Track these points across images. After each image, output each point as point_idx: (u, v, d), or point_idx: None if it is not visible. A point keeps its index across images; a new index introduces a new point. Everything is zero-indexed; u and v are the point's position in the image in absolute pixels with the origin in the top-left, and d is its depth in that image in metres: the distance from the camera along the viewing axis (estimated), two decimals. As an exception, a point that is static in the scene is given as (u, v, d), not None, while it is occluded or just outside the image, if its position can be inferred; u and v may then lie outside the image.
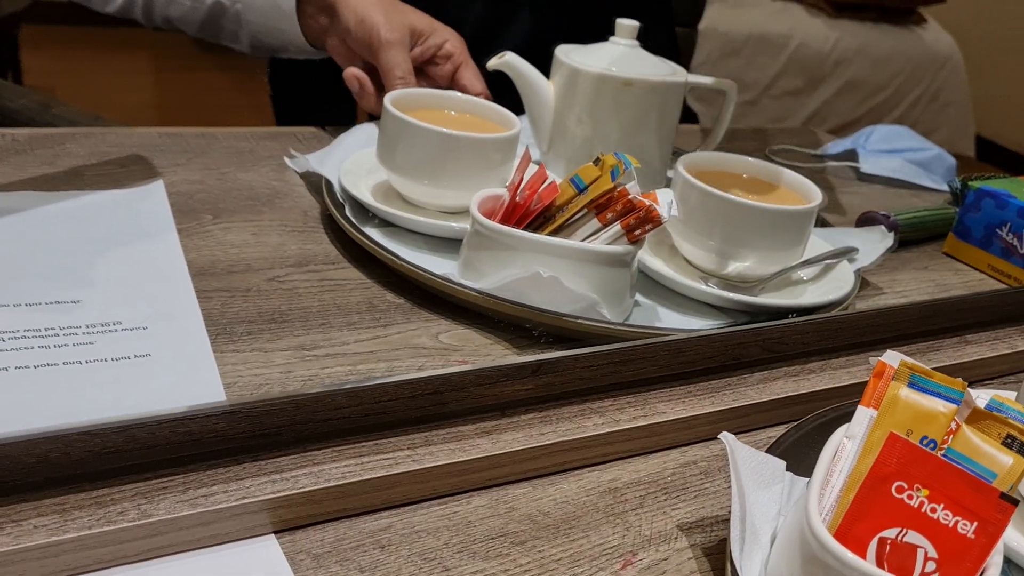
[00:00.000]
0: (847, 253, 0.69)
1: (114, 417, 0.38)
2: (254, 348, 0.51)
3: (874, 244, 0.70)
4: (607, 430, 0.47)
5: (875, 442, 0.40)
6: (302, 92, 1.08)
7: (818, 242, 0.70)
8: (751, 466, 0.43)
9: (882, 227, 0.72)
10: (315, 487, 0.40)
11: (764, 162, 0.68)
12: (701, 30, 1.52)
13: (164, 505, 0.38)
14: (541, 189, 0.59)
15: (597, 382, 0.50)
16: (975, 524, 0.36)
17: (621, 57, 0.75)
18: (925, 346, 0.62)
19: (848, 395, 0.55)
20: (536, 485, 0.45)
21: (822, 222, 0.76)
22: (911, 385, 0.41)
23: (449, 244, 0.64)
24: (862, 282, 0.70)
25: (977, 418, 0.40)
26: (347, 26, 0.78)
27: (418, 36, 0.79)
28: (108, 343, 0.50)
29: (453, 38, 0.81)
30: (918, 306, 0.61)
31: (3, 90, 1.33)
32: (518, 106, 0.76)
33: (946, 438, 0.40)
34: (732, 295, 0.61)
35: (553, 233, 0.58)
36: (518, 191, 0.58)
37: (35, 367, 0.47)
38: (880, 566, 0.36)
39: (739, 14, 2.75)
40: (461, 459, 0.43)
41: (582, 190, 0.59)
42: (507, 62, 0.76)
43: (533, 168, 0.62)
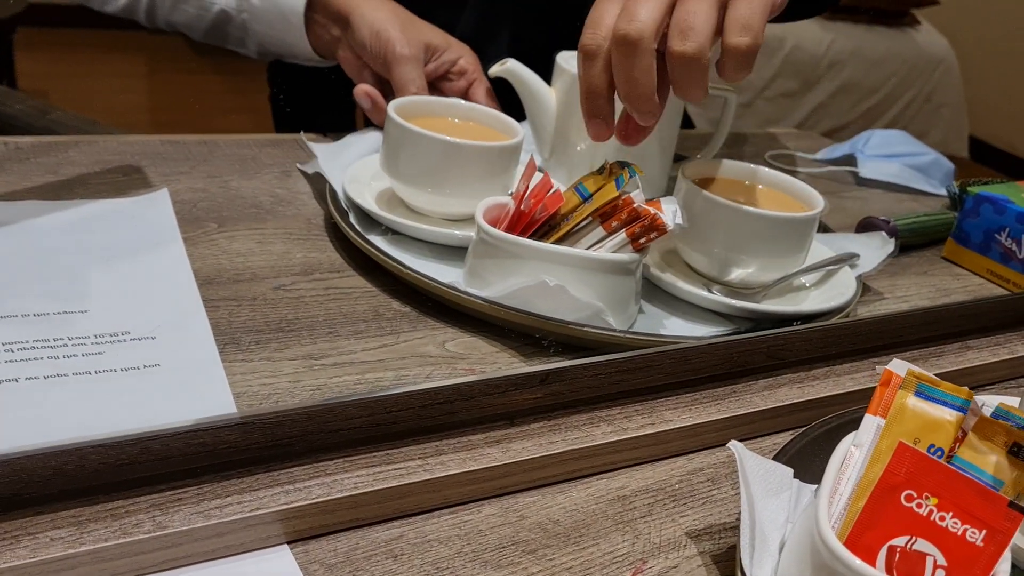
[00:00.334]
0: (848, 259, 0.69)
1: (129, 429, 0.38)
2: (262, 357, 0.52)
3: (875, 250, 0.71)
4: (615, 438, 0.48)
5: (883, 451, 0.40)
6: (301, 92, 1.09)
7: (820, 248, 0.71)
8: (759, 474, 0.43)
9: (883, 233, 0.72)
10: (328, 497, 0.40)
11: (766, 168, 0.69)
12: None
13: (179, 517, 0.38)
14: (546, 197, 0.59)
15: (605, 390, 0.51)
16: (984, 532, 0.37)
17: None
18: (927, 352, 0.62)
19: (852, 401, 0.55)
20: (546, 493, 0.46)
21: (823, 227, 0.77)
22: (918, 394, 0.42)
23: (454, 252, 0.64)
24: (863, 287, 0.70)
25: (983, 427, 0.40)
26: (361, 40, 0.77)
27: (433, 52, 0.79)
28: (117, 353, 0.50)
29: (467, 54, 0.81)
30: (920, 312, 0.61)
31: (0, 95, 1.33)
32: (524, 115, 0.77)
33: (953, 446, 0.41)
34: (735, 302, 0.61)
35: (558, 241, 0.58)
36: (523, 199, 0.59)
37: (45, 378, 0.47)
38: (889, 574, 0.37)
39: (734, 17, 2.75)
40: (472, 468, 0.44)
41: (587, 198, 0.59)
42: (509, 69, 0.77)
43: (538, 176, 0.62)
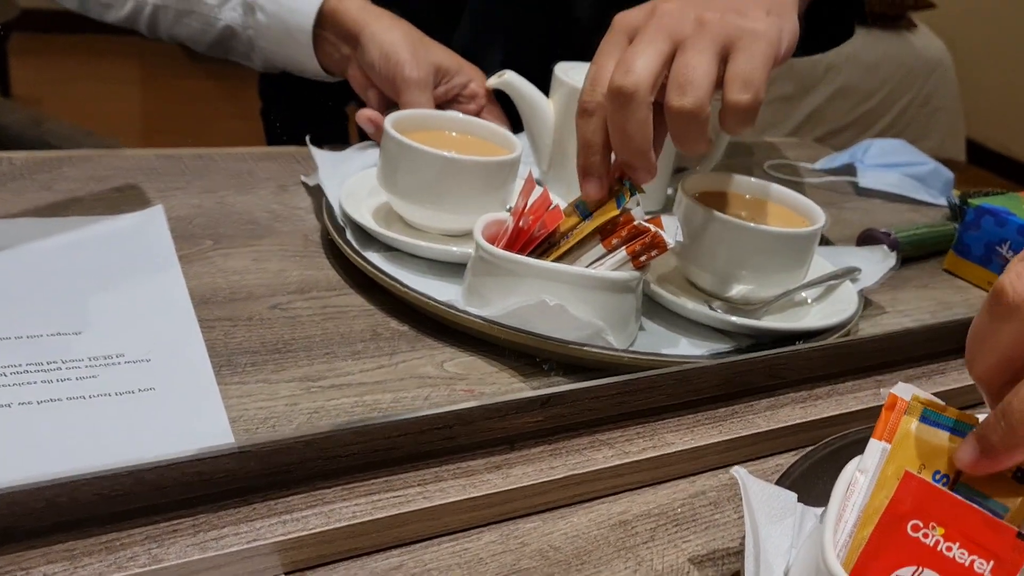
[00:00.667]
0: (850, 273, 0.69)
1: (123, 461, 0.37)
2: (258, 380, 0.51)
3: (876, 264, 0.70)
4: (617, 462, 0.47)
5: (888, 477, 0.40)
6: (293, 106, 1.08)
7: (820, 262, 0.70)
8: (762, 500, 0.43)
9: (884, 246, 0.72)
10: (326, 527, 0.40)
11: (766, 182, 0.68)
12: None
13: (175, 549, 0.37)
14: (546, 214, 0.58)
15: (606, 412, 0.50)
16: (991, 563, 0.36)
17: None
18: (930, 369, 0.62)
19: (855, 421, 0.55)
20: (546, 519, 0.45)
21: (823, 240, 0.76)
22: (923, 419, 0.41)
23: (453, 268, 0.63)
24: (864, 302, 0.70)
25: None
26: (370, 60, 0.76)
27: (443, 74, 0.78)
28: (112, 376, 0.49)
29: (479, 78, 0.80)
30: (922, 330, 0.61)
31: (-5, 105, 1.32)
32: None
33: (958, 473, 0.40)
34: (736, 319, 0.61)
35: (558, 259, 0.58)
36: (522, 216, 0.58)
37: (38, 403, 0.46)
38: (897, 605, 0.36)
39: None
40: (472, 495, 0.43)
41: (586, 216, 0.59)
42: (506, 81, 0.76)
43: (537, 191, 0.61)
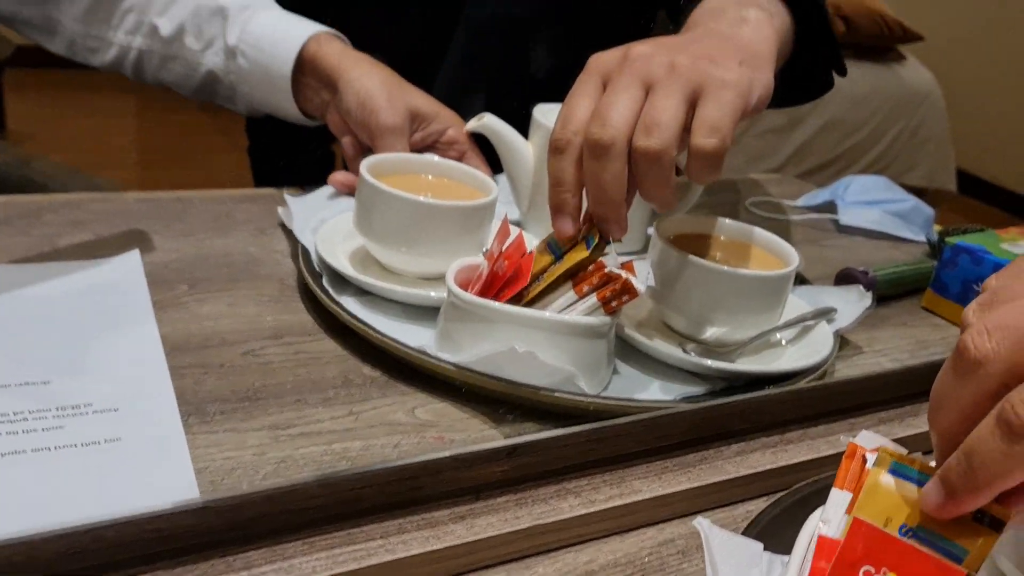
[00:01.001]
0: (825, 314, 0.69)
1: (81, 519, 0.37)
2: (227, 428, 0.51)
3: (852, 304, 0.70)
4: (583, 511, 0.47)
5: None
6: (280, 145, 1.09)
7: (797, 302, 0.70)
8: (727, 551, 0.43)
9: (859, 287, 0.72)
10: (285, 583, 0.39)
11: (740, 224, 0.68)
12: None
13: (130, 608, 0.37)
14: (520, 260, 0.58)
15: (573, 460, 0.50)
16: (947, 611, 0.36)
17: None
18: (904, 411, 0.62)
19: (827, 466, 0.55)
20: (511, 570, 0.45)
21: (801, 279, 0.76)
22: (892, 471, 0.41)
23: (428, 312, 0.63)
24: (841, 341, 0.70)
25: None
26: (347, 107, 0.77)
27: (420, 120, 0.78)
28: (78, 427, 0.49)
29: (457, 123, 0.80)
30: (895, 374, 0.61)
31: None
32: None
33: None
34: (710, 362, 0.61)
35: (530, 302, 0.58)
36: (496, 261, 0.58)
37: (2, 455, 0.46)
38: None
39: (720, 54, 2.77)
40: (435, 547, 0.43)
41: (558, 256, 0.59)
42: (486, 124, 0.77)
43: (514, 232, 0.62)
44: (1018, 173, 3.71)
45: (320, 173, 0.82)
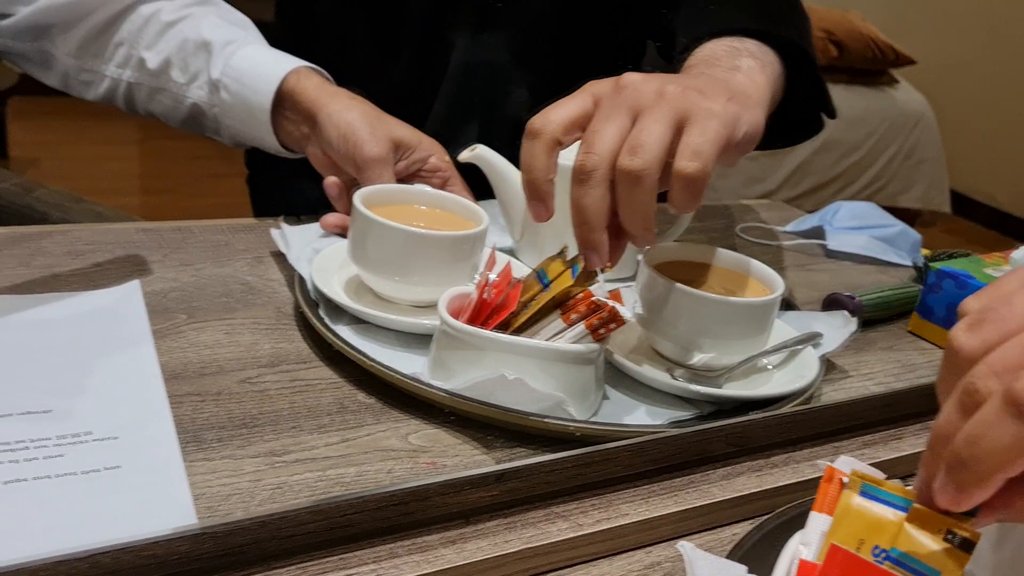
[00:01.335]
0: (811, 339, 0.70)
1: (80, 546, 0.38)
2: (224, 456, 0.52)
3: (837, 329, 0.72)
4: (571, 535, 0.48)
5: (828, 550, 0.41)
6: (278, 174, 1.10)
7: (783, 327, 0.72)
8: (711, 574, 0.44)
9: (845, 312, 0.73)
10: (279, 607, 0.40)
11: (726, 251, 0.70)
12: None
13: (128, 632, 0.38)
14: (508, 289, 0.60)
15: (562, 485, 0.51)
16: (922, 634, 0.37)
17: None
18: (888, 434, 0.63)
19: (810, 489, 0.55)
20: (501, 593, 0.46)
21: (788, 304, 0.78)
22: (863, 494, 0.42)
23: (422, 339, 0.65)
24: (828, 365, 0.71)
25: (917, 516, 0.41)
26: (328, 140, 0.78)
27: (404, 149, 0.79)
28: (78, 455, 0.50)
29: (439, 152, 0.82)
30: (878, 398, 0.62)
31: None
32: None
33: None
34: (697, 387, 0.62)
35: (519, 330, 0.59)
36: (485, 289, 0.60)
37: (4, 483, 0.47)
38: None
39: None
40: (426, 571, 0.44)
41: (546, 285, 0.60)
42: (478, 154, 0.79)
43: (502, 261, 0.63)
44: (1011, 194, 3.74)
45: (318, 203, 0.83)
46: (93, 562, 0.39)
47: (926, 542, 0.40)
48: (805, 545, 0.43)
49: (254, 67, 0.81)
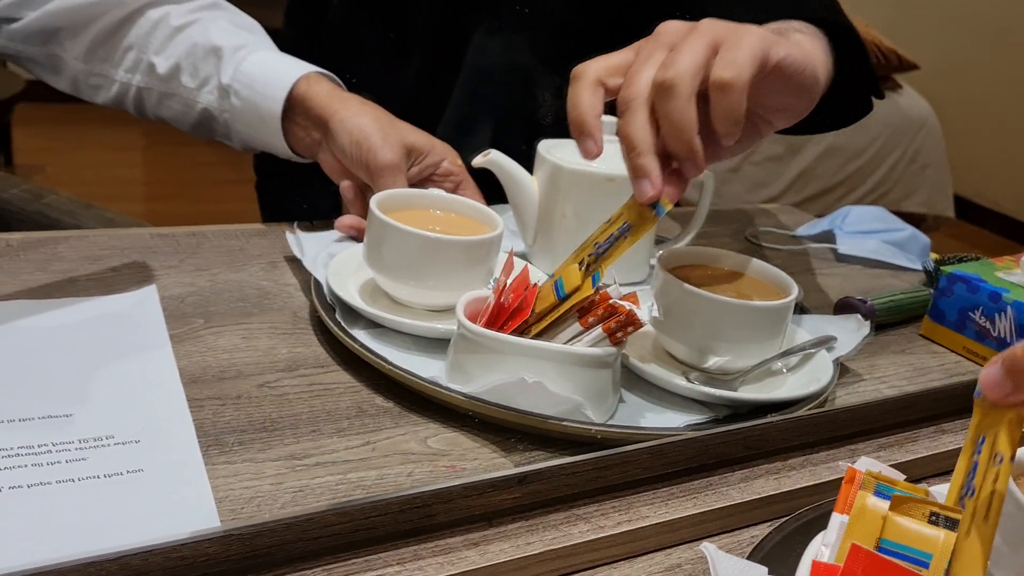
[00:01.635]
0: (825, 343, 0.71)
1: (109, 547, 0.39)
2: (245, 459, 0.52)
3: (851, 333, 0.72)
4: (592, 537, 0.48)
5: (847, 551, 0.41)
6: (287, 180, 1.10)
7: (797, 331, 0.72)
8: (733, 575, 0.44)
9: (858, 316, 0.73)
10: (306, 609, 0.41)
11: (740, 255, 0.70)
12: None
13: (157, 633, 0.38)
14: (525, 292, 0.60)
15: (582, 487, 0.51)
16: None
17: (603, 152, 0.77)
18: (903, 437, 0.63)
19: (828, 491, 0.56)
20: (524, 595, 0.46)
21: (801, 308, 0.78)
22: (877, 493, 0.43)
23: (437, 343, 0.65)
24: (842, 368, 0.72)
25: (899, 504, 0.41)
26: (341, 146, 0.78)
27: (416, 154, 0.80)
28: (101, 458, 0.51)
29: (451, 156, 0.82)
30: (894, 400, 0.62)
31: (-4, 180, 1.35)
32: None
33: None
34: (713, 391, 0.62)
35: (537, 336, 0.60)
36: (503, 293, 0.60)
37: (28, 486, 0.48)
38: None
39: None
40: (450, 573, 0.44)
41: (563, 298, 0.60)
42: (491, 160, 0.79)
43: (519, 265, 0.63)
44: (1015, 198, 3.74)
45: (328, 208, 0.83)
46: (123, 563, 0.39)
47: (913, 526, 0.40)
48: (827, 546, 0.43)
49: (264, 72, 0.82)
